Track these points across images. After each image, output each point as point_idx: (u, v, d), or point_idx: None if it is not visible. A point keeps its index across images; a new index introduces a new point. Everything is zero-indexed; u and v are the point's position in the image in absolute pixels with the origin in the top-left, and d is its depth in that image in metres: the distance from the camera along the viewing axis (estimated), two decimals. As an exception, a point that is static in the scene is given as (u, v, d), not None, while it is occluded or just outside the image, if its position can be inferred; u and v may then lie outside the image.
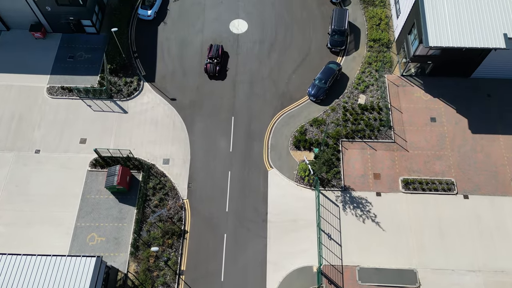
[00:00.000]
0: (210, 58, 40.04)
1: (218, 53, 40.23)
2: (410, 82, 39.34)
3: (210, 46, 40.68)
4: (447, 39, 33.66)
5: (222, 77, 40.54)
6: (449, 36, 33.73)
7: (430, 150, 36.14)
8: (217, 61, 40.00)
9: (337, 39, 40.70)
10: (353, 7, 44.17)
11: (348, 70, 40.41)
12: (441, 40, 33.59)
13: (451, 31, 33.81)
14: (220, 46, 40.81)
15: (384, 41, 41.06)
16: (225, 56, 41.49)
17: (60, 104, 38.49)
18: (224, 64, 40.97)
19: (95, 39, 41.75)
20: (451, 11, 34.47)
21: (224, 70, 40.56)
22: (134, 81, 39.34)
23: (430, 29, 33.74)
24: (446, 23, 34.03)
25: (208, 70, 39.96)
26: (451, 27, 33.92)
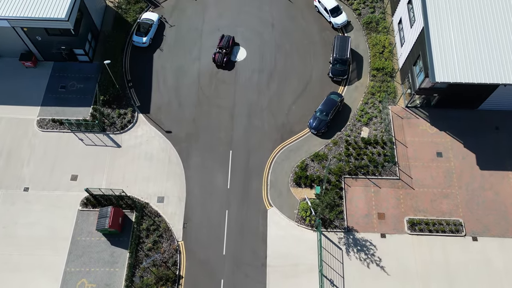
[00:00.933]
0: (220, 48, 40.67)
1: (228, 44, 40.89)
2: (415, 114, 37.87)
3: (222, 36, 41.30)
4: (454, 74, 32.20)
5: (229, 67, 40.76)
6: (456, 71, 32.26)
7: (437, 188, 34.63)
8: (225, 52, 40.53)
9: (339, 68, 39.25)
10: (355, 33, 42.76)
11: (350, 101, 38.96)
12: (449, 76, 32.11)
13: (459, 65, 32.34)
14: (231, 38, 41.34)
15: (388, 70, 39.62)
16: (235, 47, 42.11)
17: (51, 137, 36.95)
18: (234, 51, 41.48)
19: (88, 68, 40.24)
20: (458, 44, 33.04)
21: (233, 61, 40.75)
22: (128, 113, 37.84)
23: (436, 64, 32.27)
24: (454, 57, 32.58)
25: (216, 59, 40.52)
26: (458, 62, 32.46)
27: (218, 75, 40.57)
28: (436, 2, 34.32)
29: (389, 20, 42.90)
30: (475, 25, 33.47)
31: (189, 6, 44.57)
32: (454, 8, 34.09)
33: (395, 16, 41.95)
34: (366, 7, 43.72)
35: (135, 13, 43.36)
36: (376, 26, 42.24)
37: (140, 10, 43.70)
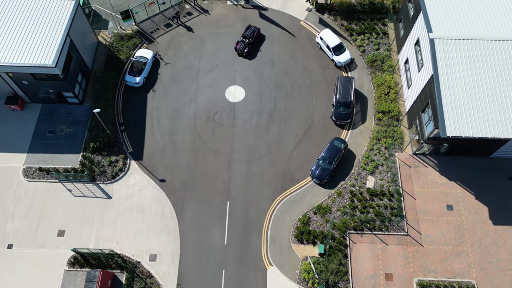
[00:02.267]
0: (244, 37, 41.52)
1: (253, 35, 41.65)
2: (423, 162, 35.85)
3: (248, 26, 42.16)
4: (467, 127, 30.15)
5: (250, 57, 41.53)
6: (469, 124, 30.21)
7: (448, 245, 32.50)
8: (248, 42, 41.31)
9: (342, 111, 37.24)
10: (359, 71, 40.81)
11: (354, 147, 36.94)
12: (460, 129, 30.05)
13: (471, 118, 30.32)
14: (257, 29, 42.04)
15: (394, 114, 37.61)
16: (260, 39, 42.61)
17: (37, 188, 34.81)
18: (256, 46, 42.07)
19: (78, 110, 38.20)
20: (470, 95, 31.01)
21: (255, 51, 41.77)
22: (120, 160, 35.78)
23: (447, 117, 30.25)
24: (465, 109, 30.55)
25: (238, 48, 41.45)
26: (470, 114, 30.43)
27: (215, 116, 38.59)
28: (446, 49, 32.32)
29: (395, 58, 40.98)
30: (487, 75, 31.51)
31: (186, 42, 42.66)
32: (465, 56, 32.14)
33: (401, 54, 40.04)
34: (371, 44, 41.82)
35: (128, 49, 41.42)
36: (381, 64, 40.29)
37: (133, 47, 41.79)
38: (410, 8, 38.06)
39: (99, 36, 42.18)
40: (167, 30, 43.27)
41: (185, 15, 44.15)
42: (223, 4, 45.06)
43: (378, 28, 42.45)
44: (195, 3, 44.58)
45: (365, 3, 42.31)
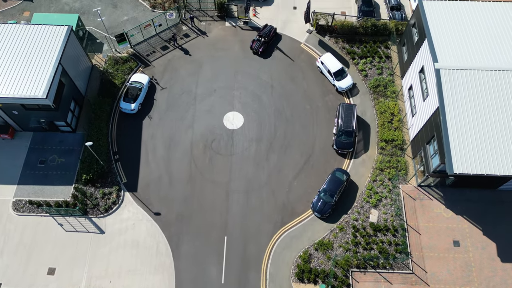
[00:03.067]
0: (260, 36, 41.59)
1: (269, 34, 41.73)
2: (428, 195, 34.55)
3: (265, 25, 42.30)
4: (474, 164, 28.85)
5: (264, 56, 41.66)
6: (477, 161, 28.91)
7: (454, 284, 31.11)
8: (264, 40, 41.36)
9: (344, 140, 35.97)
10: (361, 97, 39.57)
11: (357, 177, 35.65)
12: (468, 166, 28.73)
13: (479, 154, 29.00)
14: (273, 29, 42.14)
15: (398, 143, 36.32)
16: (276, 39, 42.75)
17: (28, 222, 33.45)
18: (272, 45, 42.20)
19: (71, 139, 36.89)
20: (478, 130, 29.67)
21: (271, 50, 41.83)
22: (114, 192, 34.44)
23: (455, 154, 28.97)
24: (473, 145, 29.24)
25: (253, 47, 41.55)
26: (478, 150, 29.12)
27: (213, 144, 37.33)
28: (452, 80, 31.07)
29: (398, 83, 39.74)
30: (496, 107, 30.20)
31: (183, 65, 41.40)
32: (472, 88, 30.90)
33: (404, 80, 38.82)
34: (373, 68, 40.56)
35: (123, 74, 40.15)
36: (384, 90, 39.04)
37: (129, 71, 40.55)
38: (414, 33, 36.87)
39: (93, 60, 40.95)
40: (164, 53, 42.04)
41: (182, 37, 42.94)
42: (221, 25, 43.89)
43: (381, 51, 41.22)
44: (192, 24, 43.39)
45: (367, 26, 41.14)
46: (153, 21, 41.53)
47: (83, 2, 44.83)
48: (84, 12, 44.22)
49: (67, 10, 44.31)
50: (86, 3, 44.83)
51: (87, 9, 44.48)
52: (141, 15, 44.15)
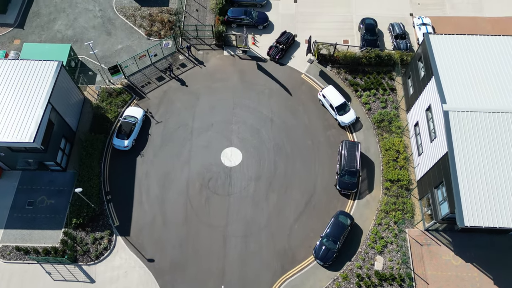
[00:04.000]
0: (278, 43, 41.32)
1: (287, 41, 41.43)
2: (436, 240, 32.83)
3: (284, 32, 41.90)
4: (486, 216, 27.09)
5: (282, 62, 41.29)
6: (489, 212, 27.18)
7: None
8: (282, 48, 40.96)
9: (348, 180, 34.31)
10: (365, 132, 37.94)
11: (361, 220, 33.94)
12: (479, 218, 26.97)
13: (492, 205, 27.26)
14: (292, 36, 41.85)
15: (404, 183, 34.68)
16: (294, 46, 42.33)
17: (14, 271, 31.62)
18: (290, 51, 41.76)
19: (61, 178, 35.19)
20: (490, 178, 27.91)
21: (288, 57, 41.42)
22: (105, 237, 32.72)
23: (465, 205, 27.27)
24: (485, 195, 27.50)
25: (270, 53, 41.34)
26: (490, 200, 27.35)
27: (210, 183, 35.67)
28: (461, 123, 29.39)
29: (404, 117, 38.12)
30: (508, 155, 28.53)
31: (179, 97, 39.75)
32: (483, 132, 29.17)
33: (410, 115, 37.18)
34: (377, 101, 38.97)
35: (116, 107, 38.53)
36: (388, 125, 37.42)
37: (122, 104, 38.93)
38: (420, 67, 35.30)
39: (85, 92, 39.37)
40: (159, 84, 40.45)
41: (178, 67, 41.32)
42: (219, 54, 42.30)
43: (385, 83, 39.64)
44: (189, 53, 41.80)
45: (371, 56, 39.61)
46: (148, 52, 40.01)
47: (76, 30, 43.28)
48: (77, 40, 42.67)
49: (59, 38, 42.78)
50: (79, 30, 43.27)
51: (80, 36, 42.93)
52: (136, 44, 42.60)
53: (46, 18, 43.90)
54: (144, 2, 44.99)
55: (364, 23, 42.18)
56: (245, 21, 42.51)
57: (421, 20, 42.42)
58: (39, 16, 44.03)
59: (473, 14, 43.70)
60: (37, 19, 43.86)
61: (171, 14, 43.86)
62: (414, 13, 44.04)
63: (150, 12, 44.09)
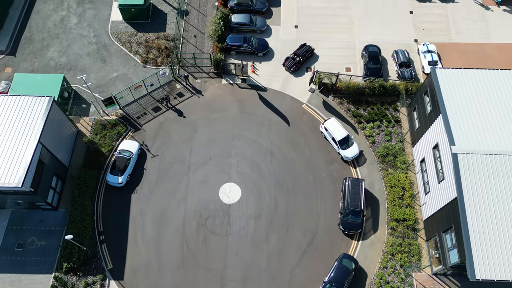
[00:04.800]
0: (295, 54, 40.86)
1: (305, 54, 40.91)
2: (445, 285, 31.30)
3: (303, 45, 41.42)
4: (499, 269, 25.63)
5: (298, 74, 40.84)
6: (501, 265, 25.82)
7: None
8: (298, 60, 40.51)
9: (352, 221, 32.85)
10: (369, 167, 36.54)
11: (365, 263, 32.44)
12: (492, 271, 25.54)
13: (506, 257, 25.85)
14: (310, 49, 41.22)
15: (410, 223, 33.31)
16: (312, 58, 41.74)
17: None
18: (306, 64, 41.25)
19: (52, 218, 33.67)
20: (503, 227, 26.58)
21: (304, 68, 40.97)
22: (98, 282, 31.08)
23: (476, 256, 25.82)
24: (498, 246, 26.04)
25: (286, 64, 40.79)
26: (503, 251, 25.94)
27: (207, 222, 34.24)
28: (471, 166, 27.98)
29: (409, 150, 36.72)
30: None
31: (176, 129, 38.32)
32: (494, 176, 27.69)
33: (416, 149, 35.75)
34: (381, 133, 37.57)
35: (111, 140, 37.12)
36: (393, 159, 36.03)
37: (117, 136, 37.50)
38: (427, 102, 33.94)
39: (79, 124, 38.00)
40: (156, 115, 39.05)
41: (175, 96, 39.94)
42: (218, 83, 40.96)
43: (390, 114, 38.25)
44: (186, 82, 40.46)
45: (374, 87, 38.31)
46: (144, 82, 38.68)
47: (69, 57, 41.92)
48: (70, 68, 41.30)
49: (53, 66, 41.41)
50: (73, 57, 41.91)
51: (74, 64, 41.54)
52: (131, 71, 41.26)
53: (39, 45, 42.64)
54: (141, 27, 43.74)
55: (367, 50, 40.87)
56: (244, 49, 41.30)
57: (426, 47, 41.16)
58: (32, 43, 42.76)
59: (479, 40, 42.45)
60: (29, 45, 42.59)
61: (168, 40, 42.59)
62: (418, 39, 42.78)
63: (147, 38, 42.82)
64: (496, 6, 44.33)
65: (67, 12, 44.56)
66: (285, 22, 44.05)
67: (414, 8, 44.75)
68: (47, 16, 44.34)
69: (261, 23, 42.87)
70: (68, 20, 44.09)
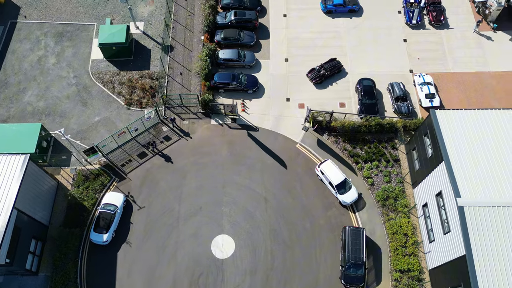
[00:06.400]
0: (321, 67, 39.98)
1: (332, 69, 39.86)
2: None
3: (333, 59, 40.55)
4: (515, 336, 24.24)
5: (322, 86, 39.99)
6: (518, 331, 24.32)
7: None
8: (323, 73, 39.67)
9: (353, 274, 30.80)
10: (368, 211, 34.65)
11: (370, 320, 30.76)
12: None
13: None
14: (339, 66, 40.28)
15: (415, 273, 31.50)
16: (339, 75, 40.69)
17: None
18: (334, 78, 40.36)
19: (32, 284, 31.00)
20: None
21: (330, 82, 40.11)
22: None
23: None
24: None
25: (309, 75, 40.08)
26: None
27: (200, 280, 31.95)
28: (479, 220, 26.13)
29: (409, 192, 34.88)
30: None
31: (163, 176, 36.05)
32: (503, 231, 26.14)
33: (417, 191, 33.89)
34: (380, 174, 35.73)
35: (94, 192, 34.78)
36: (394, 202, 34.26)
37: (101, 188, 35.17)
38: (427, 144, 32.23)
39: (59, 176, 35.64)
40: (141, 161, 36.79)
41: (162, 140, 37.72)
42: (207, 124, 38.84)
43: (388, 153, 36.43)
44: (173, 124, 38.33)
45: (371, 125, 36.60)
46: (128, 128, 36.51)
47: (48, 101, 39.51)
48: (49, 112, 38.85)
49: (30, 111, 38.92)
50: (52, 101, 39.51)
51: (53, 108, 39.11)
52: (115, 115, 39.01)
53: (15, 88, 40.16)
54: (123, 65, 41.50)
55: (361, 84, 39.12)
56: (233, 86, 39.33)
57: (422, 78, 39.56)
58: (7, 86, 40.28)
59: (477, 69, 40.90)
60: (5, 89, 40.10)
61: (152, 79, 40.43)
62: (414, 69, 41.12)
63: (130, 77, 40.59)
64: (492, 32, 43.05)
65: (45, 51, 42.22)
66: (275, 56, 42.15)
67: (407, 36, 43.19)
68: (23, 57, 41.94)
69: (249, 58, 40.97)
70: (46, 60, 41.73)
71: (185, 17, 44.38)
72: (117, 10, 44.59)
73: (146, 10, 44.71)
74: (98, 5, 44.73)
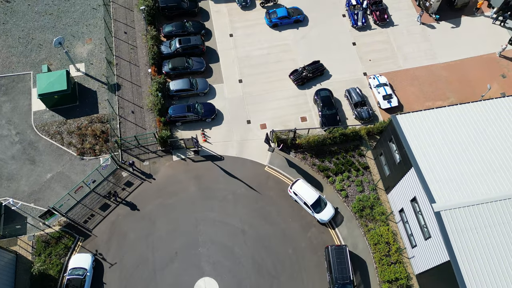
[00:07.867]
0: (304, 69, 39.90)
1: (314, 71, 39.83)
2: None
3: (316, 62, 40.56)
4: (511, 335, 24.30)
5: (303, 87, 40.08)
6: (512, 330, 24.40)
7: None
8: (305, 75, 39.67)
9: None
10: (347, 225, 34.09)
11: (367, 338, 30.19)
12: None
13: (513, 320, 24.51)
14: (322, 69, 40.14)
15: (403, 282, 31.21)
16: (321, 77, 40.76)
17: None
18: (316, 81, 40.41)
19: None
20: (502, 283, 25.23)
21: (311, 84, 40.08)
22: None
23: (486, 328, 24.23)
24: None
25: (291, 76, 40.09)
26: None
27: (187, 331, 30.39)
28: (457, 221, 25.91)
29: (384, 198, 34.73)
30: None
31: (131, 226, 33.76)
32: (482, 230, 26.26)
33: (391, 196, 33.60)
34: (352, 184, 35.29)
35: (58, 258, 32.10)
36: (371, 212, 33.92)
37: (65, 252, 32.45)
38: (394, 150, 32.06)
39: (17, 246, 32.64)
40: (105, 214, 34.37)
41: (123, 187, 35.52)
42: (168, 161, 36.92)
43: (356, 161, 36.03)
44: (133, 168, 36.19)
45: (335, 136, 36.12)
46: (85, 182, 34.05)
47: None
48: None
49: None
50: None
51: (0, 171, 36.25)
52: (68, 168, 36.29)
53: (-48, 157, 36.80)
54: (69, 113, 38.71)
55: (319, 95, 38.52)
56: (190, 118, 37.68)
57: (377, 80, 39.56)
58: None
59: (427, 63, 41.40)
60: None
61: (103, 123, 38.02)
62: (367, 71, 41.11)
63: (79, 125, 37.97)
64: (435, 23, 43.86)
65: (-21, 111, 38.98)
66: (228, 78, 40.84)
67: (355, 38, 43.14)
68: (-44, 120, 38.52)
69: (202, 85, 39.37)
70: (-18, 120, 38.54)
71: (127, 51, 42.22)
72: (53, 54, 41.72)
73: (84, 50, 42.15)
74: (32, 52, 41.66)
